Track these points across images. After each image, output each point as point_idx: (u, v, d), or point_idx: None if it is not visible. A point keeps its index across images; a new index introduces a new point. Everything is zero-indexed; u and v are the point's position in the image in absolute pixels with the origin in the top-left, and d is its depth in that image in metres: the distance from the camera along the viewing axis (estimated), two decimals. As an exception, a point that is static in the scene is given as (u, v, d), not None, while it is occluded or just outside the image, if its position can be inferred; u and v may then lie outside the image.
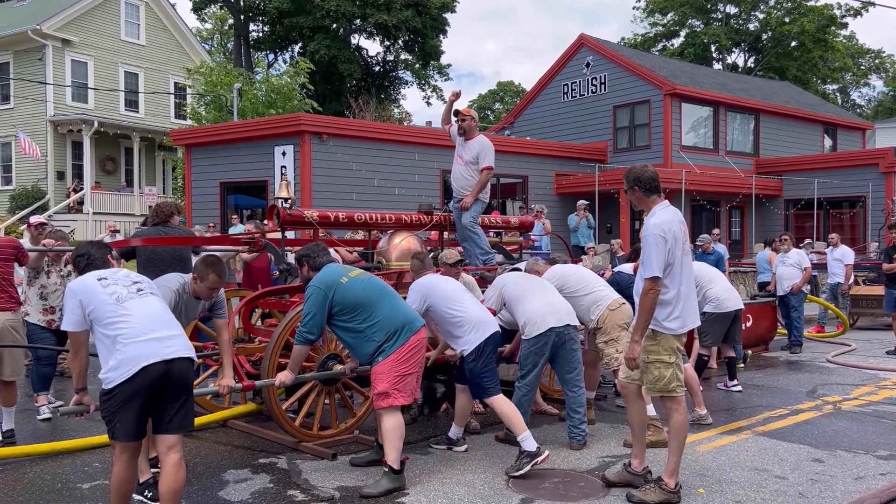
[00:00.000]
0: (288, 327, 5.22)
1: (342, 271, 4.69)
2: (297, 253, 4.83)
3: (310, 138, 15.86)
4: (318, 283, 4.58)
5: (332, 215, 6.32)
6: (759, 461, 5.19)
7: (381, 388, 4.51)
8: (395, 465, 4.50)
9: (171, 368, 3.52)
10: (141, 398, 3.51)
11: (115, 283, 3.70)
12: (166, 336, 3.59)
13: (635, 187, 4.47)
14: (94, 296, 3.61)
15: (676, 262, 4.32)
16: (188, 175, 17.87)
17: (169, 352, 3.53)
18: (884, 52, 49.21)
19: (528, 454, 4.89)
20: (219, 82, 21.14)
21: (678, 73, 22.95)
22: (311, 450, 5.26)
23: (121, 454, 3.61)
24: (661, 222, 4.28)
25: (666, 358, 4.35)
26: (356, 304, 4.55)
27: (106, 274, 3.76)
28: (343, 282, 4.57)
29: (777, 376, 8.56)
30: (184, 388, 3.62)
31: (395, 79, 42.04)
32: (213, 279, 4.47)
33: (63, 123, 23.99)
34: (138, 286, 3.77)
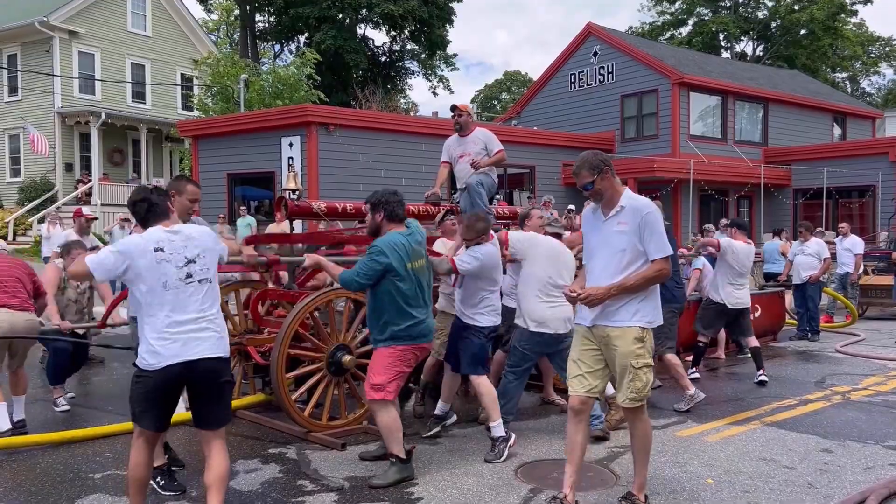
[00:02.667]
0: (297, 318, 5.23)
1: (410, 257, 4.53)
2: (374, 197, 4.62)
3: (317, 129, 15.85)
4: (388, 247, 4.45)
5: (340, 206, 6.32)
6: (767, 451, 5.19)
7: (378, 379, 4.51)
8: (402, 454, 4.52)
9: (196, 369, 3.51)
10: (160, 394, 3.54)
11: (169, 260, 3.55)
12: (194, 336, 3.53)
13: (607, 169, 3.99)
14: (144, 265, 3.50)
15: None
16: (195, 166, 17.91)
17: (195, 353, 3.51)
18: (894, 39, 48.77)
19: (503, 439, 5.04)
20: (226, 73, 21.14)
21: (686, 62, 22.81)
22: (320, 440, 5.28)
23: (136, 437, 3.65)
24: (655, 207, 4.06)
25: (650, 359, 3.93)
26: (402, 291, 4.51)
27: (164, 242, 3.58)
28: (408, 268, 4.52)
29: (786, 367, 8.54)
30: (212, 386, 3.60)
31: (402, 69, 41.92)
32: (192, 189, 4.44)
33: (71, 115, 24.05)
34: (188, 270, 3.59)
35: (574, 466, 3.99)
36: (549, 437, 5.53)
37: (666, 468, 4.82)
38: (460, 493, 4.36)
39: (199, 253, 3.68)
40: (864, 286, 13.19)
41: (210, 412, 3.65)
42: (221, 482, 3.61)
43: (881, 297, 13.16)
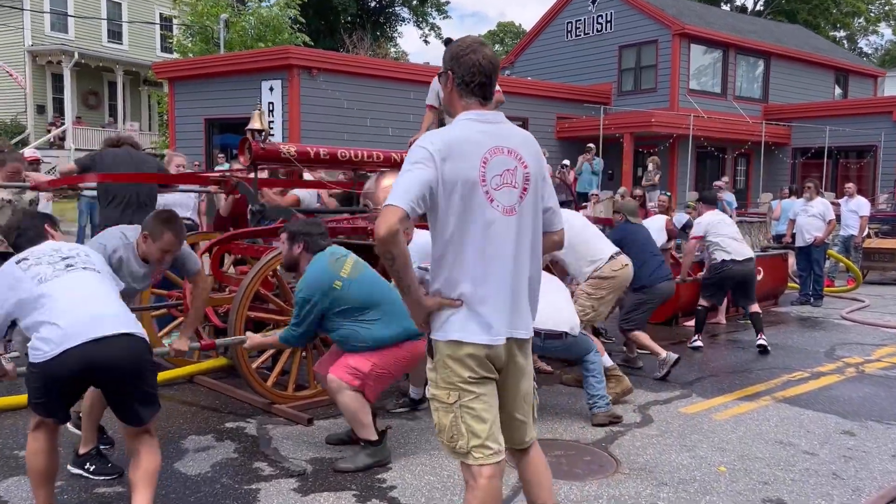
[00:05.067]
0: (259, 276, 4.60)
1: (334, 271, 3.94)
2: (291, 227, 4.12)
3: (299, 73, 14.99)
4: (311, 289, 3.89)
5: (312, 151, 5.64)
6: (783, 433, 4.66)
7: (363, 365, 3.90)
8: (373, 436, 3.94)
9: (104, 350, 2.84)
10: (60, 385, 2.89)
11: (39, 263, 3.02)
12: (97, 314, 2.89)
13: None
14: (17, 284, 2.94)
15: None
16: (171, 110, 17.03)
17: (100, 331, 2.84)
18: (894, -1, 47.67)
19: None
20: (205, 13, 20.05)
21: (687, 13, 21.88)
22: (284, 413, 4.70)
23: (35, 428, 3.04)
24: None
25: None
26: (353, 307, 3.93)
27: (27, 253, 3.10)
28: (337, 287, 3.89)
29: (790, 334, 8.02)
30: (129, 371, 2.93)
31: (392, 15, 40.56)
32: (169, 240, 3.74)
33: (42, 54, 22.92)
34: (68, 262, 3.05)
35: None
36: (539, 411, 4.95)
37: (672, 452, 4.28)
38: (439, 481, 3.80)
39: (79, 253, 3.18)
40: (866, 249, 12.68)
41: (125, 404, 3.00)
42: (151, 478, 3.01)
43: (884, 260, 12.66)
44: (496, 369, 2.50)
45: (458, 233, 2.42)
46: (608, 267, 5.30)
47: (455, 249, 2.43)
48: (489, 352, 2.45)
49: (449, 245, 2.44)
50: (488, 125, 2.50)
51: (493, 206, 2.44)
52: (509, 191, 2.47)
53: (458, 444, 2.47)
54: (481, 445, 2.45)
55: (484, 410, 2.47)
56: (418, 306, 2.46)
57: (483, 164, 2.42)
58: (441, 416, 2.51)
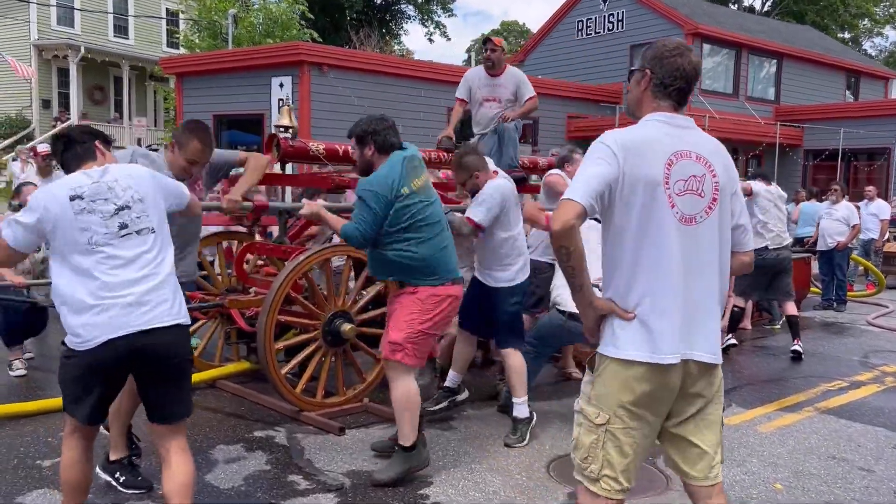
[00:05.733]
0: (291, 278, 4.41)
1: (408, 178, 3.60)
2: (358, 128, 3.72)
3: (309, 69, 14.79)
4: (385, 182, 3.55)
5: (341, 149, 5.44)
6: (834, 447, 4.48)
7: (394, 336, 3.68)
8: (407, 441, 3.75)
9: (148, 342, 2.66)
10: (101, 378, 2.71)
11: (92, 210, 2.68)
12: (144, 298, 2.68)
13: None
14: (61, 221, 2.65)
15: None
16: (179, 106, 16.81)
17: (145, 320, 2.65)
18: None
19: (526, 421, 4.38)
20: (213, 7, 19.84)
21: (699, 12, 21.68)
22: (314, 421, 4.51)
23: (70, 433, 2.85)
24: None
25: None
26: (410, 220, 3.63)
27: (84, 188, 2.70)
28: (405, 193, 3.58)
29: (820, 341, 7.84)
30: (168, 366, 2.76)
31: (398, 13, 40.31)
32: (195, 148, 3.55)
33: (48, 48, 22.72)
34: (122, 220, 2.72)
35: None
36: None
37: (723, 467, 4.09)
38: (485, 497, 3.62)
39: (133, 197, 2.79)
40: (887, 253, 12.51)
41: (165, 400, 2.83)
42: (186, 491, 2.82)
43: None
44: (667, 398, 2.28)
45: (636, 238, 2.24)
46: None
47: (631, 256, 2.25)
48: (661, 378, 2.23)
49: (624, 250, 2.26)
50: (677, 129, 2.33)
51: (672, 211, 2.24)
52: (693, 199, 2.27)
53: (591, 467, 2.30)
54: (613, 478, 2.29)
55: (629, 445, 2.28)
56: (590, 308, 2.28)
57: (668, 167, 2.24)
58: (582, 434, 2.33)
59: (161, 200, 2.88)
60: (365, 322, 4.80)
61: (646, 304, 2.23)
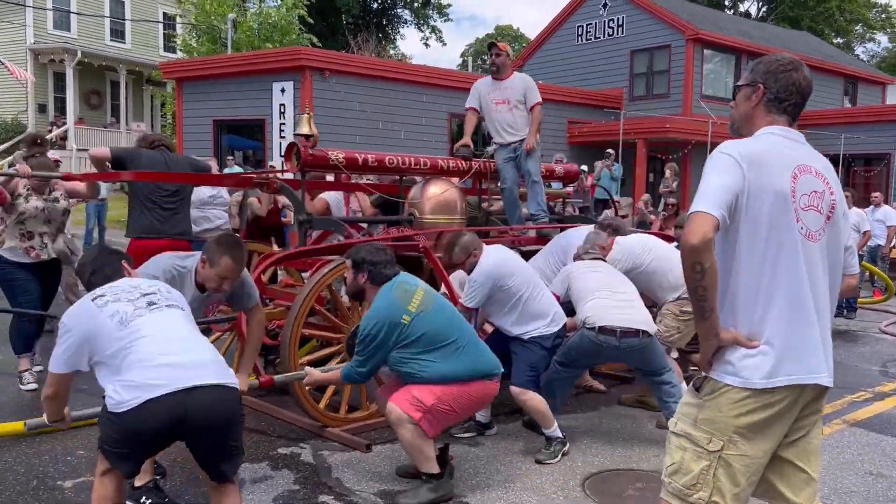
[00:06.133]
0: (315, 291, 4.31)
1: (402, 305, 3.56)
2: (355, 255, 3.73)
3: (311, 74, 14.68)
4: (377, 324, 3.51)
5: (361, 158, 5.35)
6: (870, 463, 4.39)
7: (423, 396, 3.52)
8: (434, 469, 3.63)
9: (196, 402, 2.54)
10: (144, 439, 2.58)
11: (118, 299, 2.73)
12: (189, 362, 2.60)
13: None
14: (95, 325, 2.66)
15: None
16: (179, 111, 16.68)
17: (193, 380, 2.55)
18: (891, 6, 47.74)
19: (559, 440, 4.27)
20: (212, 12, 19.71)
21: (699, 18, 21.69)
22: (339, 438, 4.40)
23: (103, 473, 2.72)
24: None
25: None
26: (420, 342, 3.55)
27: (103, 289, 2.81)
28: (405, 322, 3.53)
29: (836, 349, 7.71)
30: (219, 427, 2.63)
31: (394, 17, 40.26)
32: (227, 266, 3.43)
33: (44, 52, 22.54)
34: (149, 298, 2.78)
35: None
36: (605, 437, 4.69)
37: (760, 484, 4.00)
38: (523, 518, 3.52)
39: (160, 289, 2.92)
40: (894, 260, 12.48)
41: (216, 462, 2.72)
42: None
43: (911, 271, 12.45)
44: (786, 423, 2.18)
45: (760, 255, 2.13)
46: None
47: (758, 276, 2.14)
48: (781, 402, 2.13)
49: (747, 269, 2.14)
50: (795, 143, 2.24)
51: (798, 226, 2.14)
52: (815, 215, 2.18)
53: (698, 494, 2.19)
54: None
55: (742, 473, 2.17)
56: (714, 337, 2.14)
57: (793, 179, 2.16)
58: (689, 459, 2.20)
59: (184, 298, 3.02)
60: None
61: (772, 328, 2.13)
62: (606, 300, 4.34)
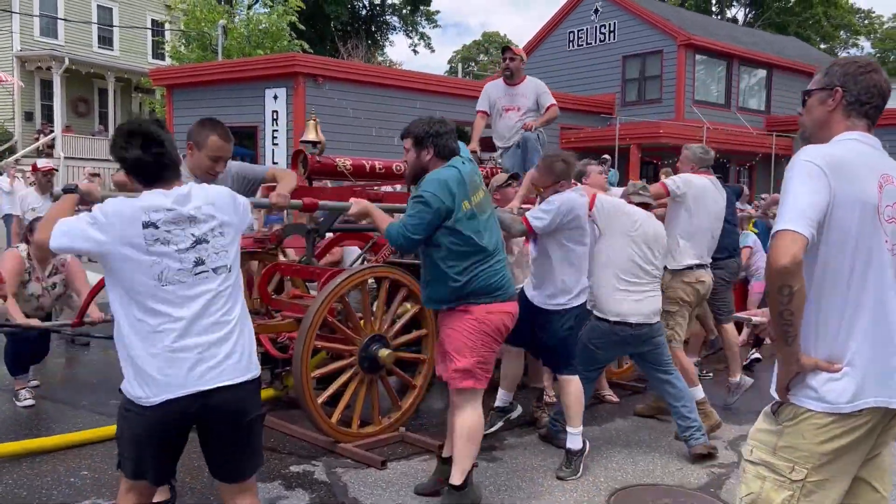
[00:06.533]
0: (328, 302, 4.17)
1: (470, 190, 3.36)
2: (417, 128, 3.40)
3: (304, 81, 14.57)
4: (441, 189, 3.26)
5: (368, 164, 5.23)
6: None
7: (462, 363, 3.38)
8: (458, 480, 3.49)
9: (212, 402, 2.40)
10: (158, 439, 2.43)
11: (167, 241, 2.37)
12: (210, 353, 2.40)
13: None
14: (128, 251, 2.34)
15: None
16: (170, 119, 16.46)
17: (210, 379, 2.39)
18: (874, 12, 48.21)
19: (579, 452, 4.12)
20: (202, 18, 19.52)
21: (690, 24, 21.74)
22: (353, 454, 4.25)
23: (126, 492, 2.58)
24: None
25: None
26: (465, 239, 3.36)
27: (159, 214, 2.38)
28: (466, 208, 3.31)
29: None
30: (237, 427, 2.48)
31: (383, 24, 40.21)
32: (215, 142, 3.40)
33: (31, 60, 22.27)
34: (199, 253, 2.43)
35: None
36: (625, 450, 4.57)
37: (789, 498, 3.90)
38: (551, 538, 3.39)
39: (213, 228, 2.49)
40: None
41: (232, 459, 2.56)
42: None
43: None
44: (868, 445, 2.08)
45: (847, 271, 2.01)
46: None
47: (839, 293, 2.02)
48: (864, 427, 2.02)
49: (831, 287, 2.02)
50: (876, 150, 2.14)
51: (885, 240, 2.03)
52: (894, 228, 2.07)
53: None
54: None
55: (828, 499, 2.06)
56: (795, 363, 2.02)
57: (879, 189, 2.04)
58: (769, 489, 2.10)
59: (240, 230, 2.64)
60: (400, 346, 4.58)
61: (855, 348, 2.01)
62: (623, 287, 4.24)
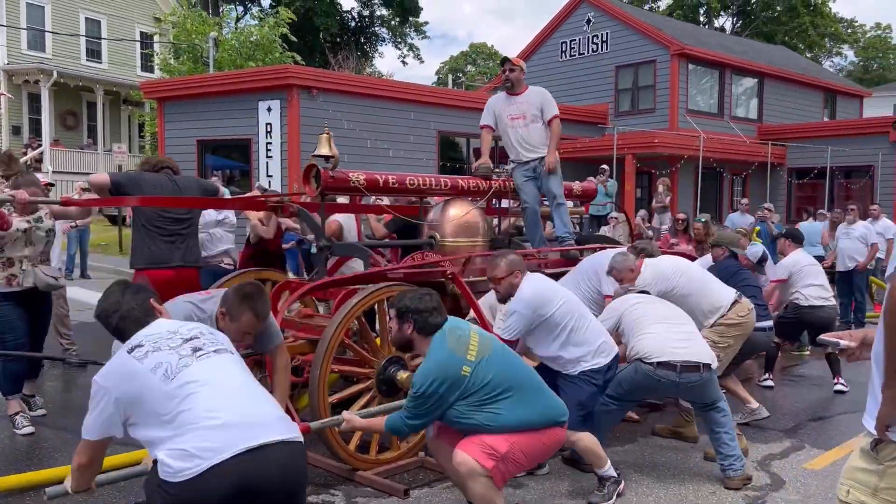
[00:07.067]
0: (345, 324, 4.00)
1: (460, 356, 3.19)
2: (398, 303, 3.37)
3: (298, 93, 14.38)
4: (435, 381, 3.13)
5: (382, 178, 5.06)
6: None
7: (497, 444, 3.16)
8: None
9: (261, 464, 2.21)
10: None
11: (157, 348, 2.38)
12: (250, 416, 2.27)
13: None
14: (137, 384, 2.31)
15: None
16: (161, 132, 16.25)
17: (256, 438, 2.22)
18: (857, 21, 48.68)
19: (613, 480, 3.94)
20: (193, 31, 19.33)
21: (681, 33, 21.78)
22: (374, 483, 4.06)
23: None
24: None
25: None
26: (484, 393, 3.19)
27: (139, 338, 2.45)
28: (466, 374, 3.16)
29: (857, 367, 7.55)
30: (285, 492, 2.30)
31: (372, 35, 40.17)
32: (249, 321, 3.23)
33: (18, 73, 21.96)
34: (194, 344, 2.43)
35: None
36: (653, 472, 4.41)
37: (830, 523, 3.76)
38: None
39: (201, 331, 2.55)
40: (892, 274, 12.42)
41: None
42: None
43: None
44: None
45: None
46: (734, 312, 4.77)
47: None
48: None
49: None
50: None
51: None
52: None
53: None
54: None
55: None
56: None
57: None
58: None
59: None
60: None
61: None
62: (665, 333, 4.09)
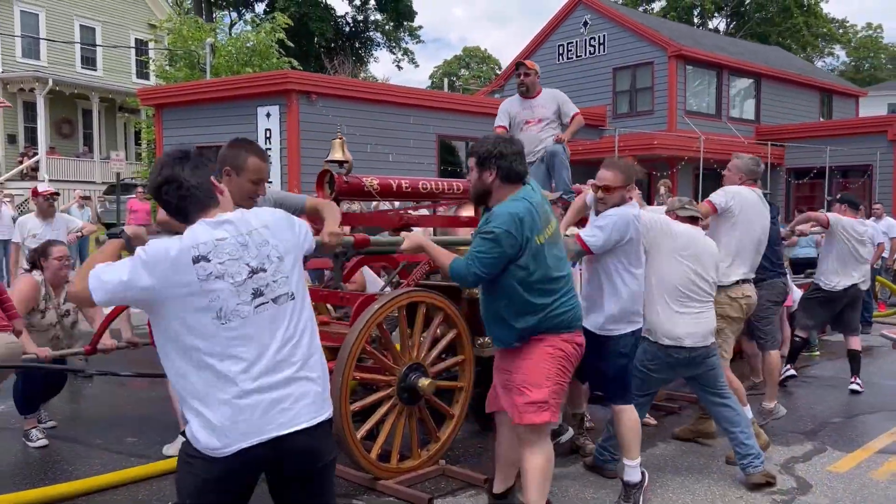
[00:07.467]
0: (366, 331, 3.94)
1: (541, 224, 3.15)
2: (482, 147, 3.21)
3: (297, 98, 14.33)
4: (512, 226, 3.06)
5: (395, 183, 5.00)
6: (963, 495, 4.13)
7: (538, 395, 3.17)
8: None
9: (287, 447, 2.16)
10: (227, 488, 2.18)
11: (222, 275, 2.11)
12: (280, 394, 2.15)
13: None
14: (181, 291, 2.08)
15: None
16: (159, 139, 16.16)
17: (282, 424, 2.14)
18: (848, 21, 48.94)
19: (638, 486, 3.86)
20: (190, 37, 19.26)
21: (678, 34, 21.80)
22: (397, 493, 3.99)
23: None
24: None
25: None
26: (537, 277, 3.17)
27: (209, 246, 2.12)
28: (539, 242, 3.13)
29: (867, 367, 7.52)
30: (310, 473, 2.26)
31: (367, 40, 40.15)
32: (255, 164, 3.08)
33: (13, 81, 21.85)
34: (257, 282, 2.16)
35: None
36: (677, 477, 4.36)
37: (861, 527, 3.71)
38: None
39: (269, 254, 2.22)
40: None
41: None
42: None
43: (912, 283, 12.40)
44: None
45: None
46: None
47: None
48: None
49: None
50: None
51: None
52: None
53: None
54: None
55: None
56: None
57: None
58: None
59: (301, 253, 2.36)
60: (438, 374, 4.36)
61: None
62: (676, 308, 4.06)
